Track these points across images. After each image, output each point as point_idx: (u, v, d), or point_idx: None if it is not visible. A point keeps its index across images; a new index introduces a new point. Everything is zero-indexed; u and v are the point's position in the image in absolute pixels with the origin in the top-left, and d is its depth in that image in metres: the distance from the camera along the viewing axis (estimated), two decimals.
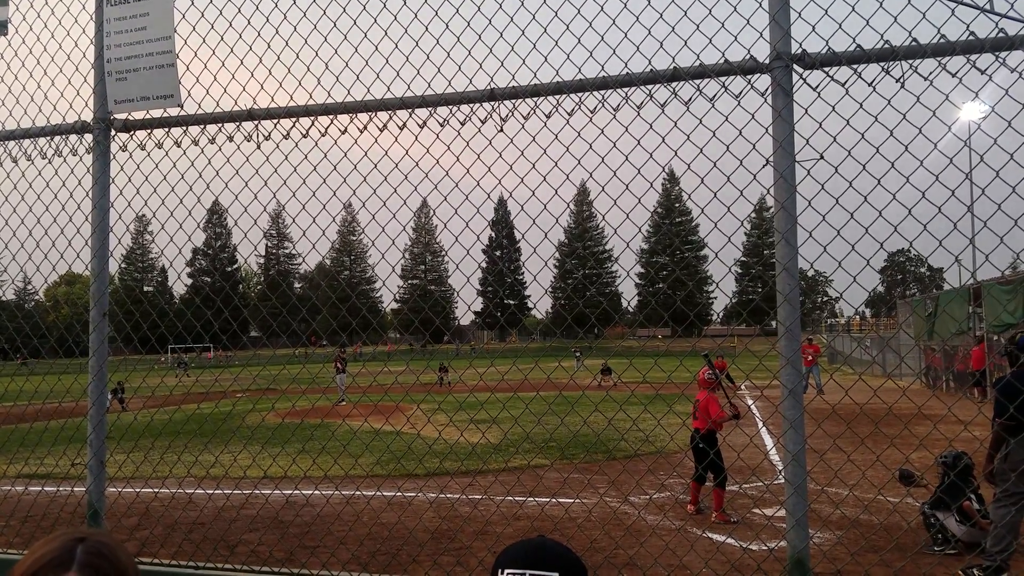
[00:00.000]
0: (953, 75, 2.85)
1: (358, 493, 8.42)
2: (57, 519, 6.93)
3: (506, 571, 1.72)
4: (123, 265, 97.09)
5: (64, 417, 7.18)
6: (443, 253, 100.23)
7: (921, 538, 7.35)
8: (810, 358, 25.00)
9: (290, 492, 8.06)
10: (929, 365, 27.51)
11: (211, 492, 5.27)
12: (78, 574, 1.31)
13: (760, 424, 16.29)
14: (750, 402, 19.57)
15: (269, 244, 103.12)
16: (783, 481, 2.92)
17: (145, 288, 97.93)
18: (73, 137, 3.54)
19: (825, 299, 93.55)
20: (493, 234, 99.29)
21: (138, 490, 7.17)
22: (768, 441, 13.99)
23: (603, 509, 8.99)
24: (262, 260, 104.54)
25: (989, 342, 21.56)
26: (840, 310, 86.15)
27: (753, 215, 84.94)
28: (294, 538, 7.75)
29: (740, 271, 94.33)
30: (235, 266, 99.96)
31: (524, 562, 1.72)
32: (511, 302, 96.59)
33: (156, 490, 7.60)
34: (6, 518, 7.39)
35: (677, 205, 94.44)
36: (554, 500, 8.91)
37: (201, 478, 9.10)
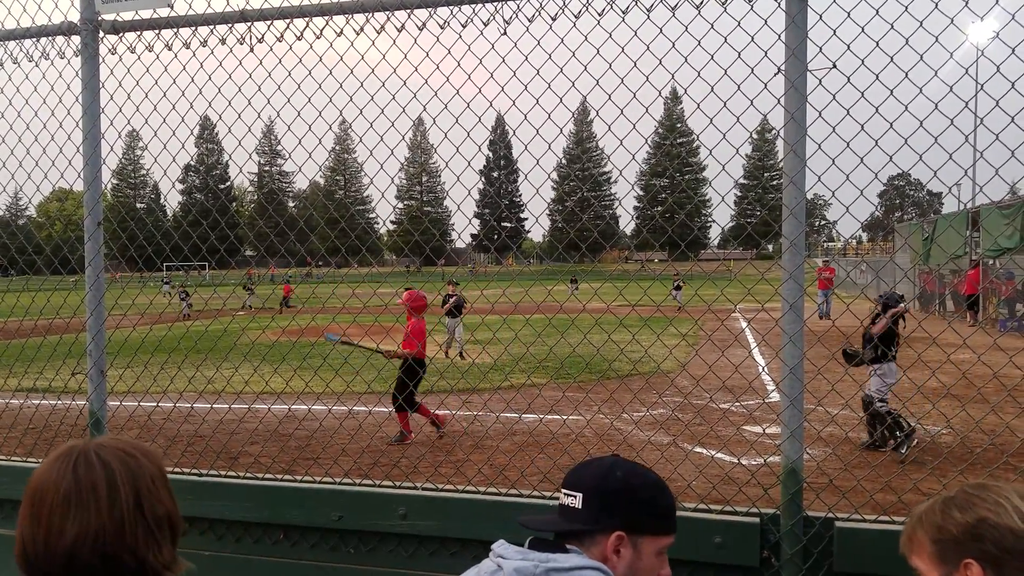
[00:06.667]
0: None
1: (359, 408, 8.55)
2: (59, 429, 7.04)
3: (561, 490, 1.72)
4: (115, 181, 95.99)
5: (59, 333, 7.18)
6: (439, 173, 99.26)
7: (910, 454, 7.53)
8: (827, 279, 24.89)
9: (291, 405, 8.18)
10: (923, 289, 27.68)
11: (212, 405, 5.34)
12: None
13: (753, 345, 16.49)
14: (743, 324, 19.74)
15: (261, 161, 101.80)
16: (776, 399, 2.94)
17: (137, 205, 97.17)
18: (60, 39, 3.41)
19: (823, 222, 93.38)
20: (490, 154, 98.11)
21: (138, 402, 7.23)
22: (760, 361, 14.18)
23: (598, 423, 9.17)
24: (254, 178, 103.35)
25: (985, 266, 21.63)
26: (837, 234, 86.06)
27: (755, 136, 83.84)
28: (296, 450, 7.91)
29: (739, 194, 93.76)
30: (227, 184, 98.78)
31: (566, 480, 1.72)
32: (507, 224, 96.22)
33: (156, 403, 7.72)
34: (7, 429, 7.49)
35: (679, 126, 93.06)
36: (550, 416, 9.06)
37: (201, 391, 9.18)
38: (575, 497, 1.64)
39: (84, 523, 1.25)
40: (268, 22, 3.13)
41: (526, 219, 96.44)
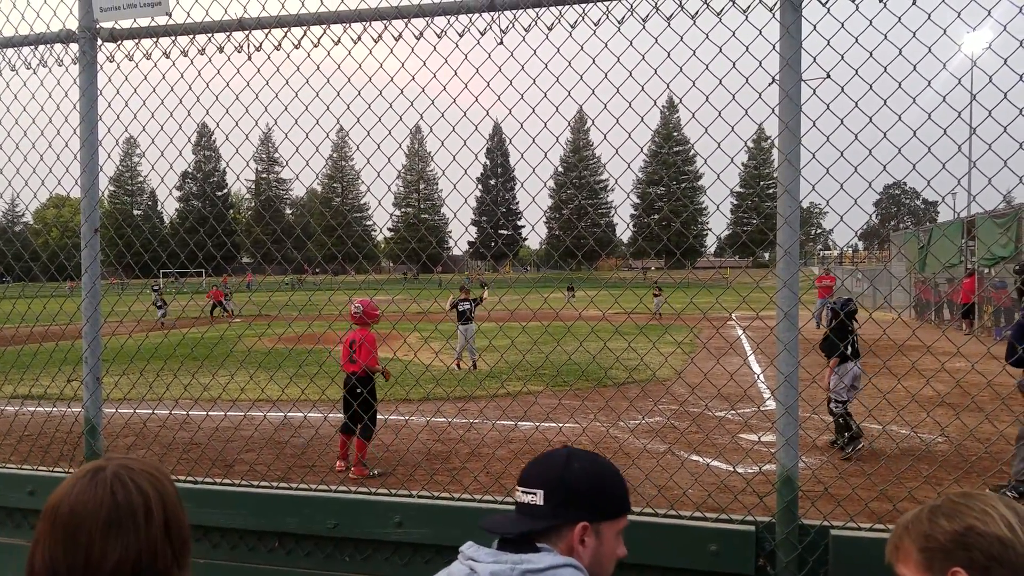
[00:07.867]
0: None
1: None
2: (54, 437, 7.01)
3: (518, 488, 1.71)
4: (112, 188, 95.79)
5: (55, 340, 7.17)
6: (436, 181, 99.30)
7: (905, 463, 7.54)
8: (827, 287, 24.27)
9: (287, 412, 8.16)
10: (919, 297, 27.75)
11: (207, 412, 5.33)
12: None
13: (749, 353, 16.50)
14: (739, 332, 19.77)
15: (259, 168, 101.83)
16: (772, 407, 2.95)
17: (134, 212, 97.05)
18: (59, 47, 3.42)
19: (819, 231, 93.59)
20: (488, 162, 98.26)
21: (134, 409, 7.25)
22: (756, 368, 14.19)
23: (594, 431, 9.17)
24: (252, 185, 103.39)
25: (980, 275, 21.69)
26: (833, 242, 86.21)
27: (750, 144, 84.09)
28: (291, 457, 7.89)
29: (735, 202, 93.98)
30: (224, 191, 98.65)
31: (523, 478, 1.71)
32: (504, 232, 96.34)
33: (151, 411, 7.74)
34: (2, 436, 7.48)
35: (675, 134, 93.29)
36: (546, 424, 9.06)
37: (197, 398, 9.16)
38: (535, 494, 1.64)
39: (125, 548, 1.27)
40: (266, 31, 3.14)
41: (523, 227, 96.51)
